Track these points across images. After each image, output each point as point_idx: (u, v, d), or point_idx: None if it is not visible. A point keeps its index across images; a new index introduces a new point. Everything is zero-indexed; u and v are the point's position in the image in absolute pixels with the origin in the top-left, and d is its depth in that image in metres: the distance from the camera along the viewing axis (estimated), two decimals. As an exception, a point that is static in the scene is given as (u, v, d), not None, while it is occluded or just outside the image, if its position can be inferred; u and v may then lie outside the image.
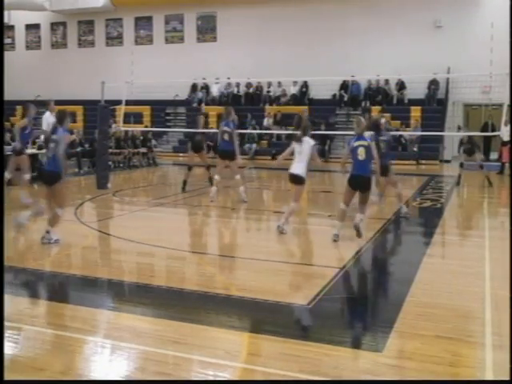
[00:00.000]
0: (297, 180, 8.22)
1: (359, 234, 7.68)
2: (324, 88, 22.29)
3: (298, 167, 8.17)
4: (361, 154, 7.68)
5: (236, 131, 11.18)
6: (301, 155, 8.15)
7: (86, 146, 17.73)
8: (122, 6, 26.47)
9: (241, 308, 5.26)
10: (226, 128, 10.90)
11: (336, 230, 7.71)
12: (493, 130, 18.82)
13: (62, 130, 7.54)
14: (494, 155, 20.56)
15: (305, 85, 23.71)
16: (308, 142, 8.18)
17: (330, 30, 23.08)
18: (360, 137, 7.86)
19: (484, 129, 20.00)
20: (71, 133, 17.17)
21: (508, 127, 15.98)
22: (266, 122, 23.02)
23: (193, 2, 25.41)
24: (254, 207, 11.03)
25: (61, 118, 7.61)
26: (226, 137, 10.87)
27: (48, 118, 14.32)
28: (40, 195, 7.80)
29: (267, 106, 23.74)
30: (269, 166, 18.44)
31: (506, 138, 16.32)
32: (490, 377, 3.79)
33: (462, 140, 14.20)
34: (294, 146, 8.28)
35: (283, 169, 13.24)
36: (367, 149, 7.72)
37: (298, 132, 8.55)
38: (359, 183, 7.73)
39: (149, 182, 16.43)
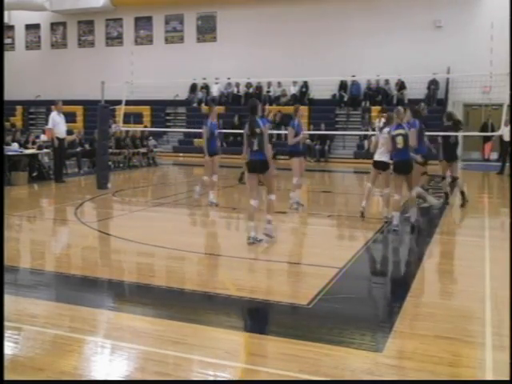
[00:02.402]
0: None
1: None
2: (324, 88, 22.31)
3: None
4: (399, 142, 8.37)
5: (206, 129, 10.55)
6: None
7: (86, 146, 17.74)
8: (121, 6, 26.49)
9: (241, 308, 5.26)
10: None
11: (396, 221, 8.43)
12: (492, 130, 18.84)
13: (262, 121, 7.63)
14: (493, 155, 20.60)
15: (305, 85, 23.72)
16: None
17: (330, 30, 23.10)
18: (399, 125, 8.48)
19: (483, 129, 20.02)
20: (71, 133, 17.30)
21: (509, 127, 15.99)
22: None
23: (193, 2, 25.43)
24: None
25: (253, 108, 7.62)
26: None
27: (55, 117, 14.35)
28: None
29: (267, 106, 23.75)
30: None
31: (507, 138, 16.32)
32: (490, 377, 3.79)
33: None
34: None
35: (281, 169, 13.27)
36: (405, 137, 8.38)
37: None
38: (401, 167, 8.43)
39: (149, 182, 16.43)
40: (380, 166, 9.20)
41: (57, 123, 14.24)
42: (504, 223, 9.43)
